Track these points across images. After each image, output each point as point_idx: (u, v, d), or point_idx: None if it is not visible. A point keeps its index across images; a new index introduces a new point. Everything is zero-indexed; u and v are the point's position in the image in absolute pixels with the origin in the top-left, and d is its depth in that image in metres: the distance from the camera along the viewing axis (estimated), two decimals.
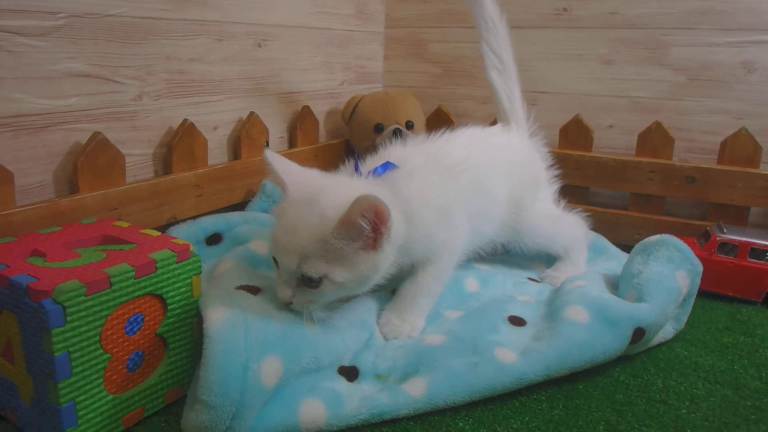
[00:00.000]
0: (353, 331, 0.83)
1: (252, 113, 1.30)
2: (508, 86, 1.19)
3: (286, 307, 0.79)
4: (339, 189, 0.79)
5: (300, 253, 0.75)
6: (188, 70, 1.15)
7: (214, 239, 1.10)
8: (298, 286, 0.78)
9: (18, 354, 0.66)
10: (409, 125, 1.50)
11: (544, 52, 1.54)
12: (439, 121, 1.60)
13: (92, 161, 0.95)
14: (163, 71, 1.10)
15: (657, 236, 1.01)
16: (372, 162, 0.95)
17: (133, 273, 0.67)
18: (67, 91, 0.94)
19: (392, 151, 0.97)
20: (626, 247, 1.25)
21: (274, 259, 0.80)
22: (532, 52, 1.49)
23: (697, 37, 1.39)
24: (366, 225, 0.74)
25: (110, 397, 0.68)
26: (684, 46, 1.40)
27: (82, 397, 0.65)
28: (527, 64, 1.19)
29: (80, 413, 0.65)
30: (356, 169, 0.89)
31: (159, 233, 0.79)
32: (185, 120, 1.12)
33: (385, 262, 0.80)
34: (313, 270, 0.75)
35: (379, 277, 0.82)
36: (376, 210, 0.73)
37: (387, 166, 0.90)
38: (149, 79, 1.07)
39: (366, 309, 0.89)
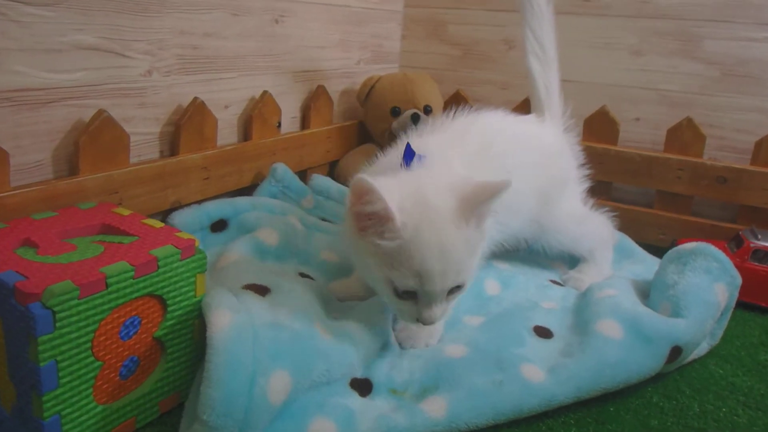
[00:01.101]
0: (367, 339, 0.76)
1: (265, 92, 1.21)
2: (546, 75, 1.11)
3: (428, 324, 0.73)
4: (437, 187, 0.73)
5: (458, 269, 0.71)
6: (202, 45, 1.06)
7: (219, 225, 1.03)
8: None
9: (1, 356, 0.58)
10: (428, 110, 1.42)
11: (569, 40, 1.42)
12: (458, 105, 1.50)
13: (95, 140, 0.87)
14: (176, 46, 1.01)
15: (692, 244, 0.93)
16: (394, 152, 0.87)
17: (132, 273, 0.59)
18: (73, 64, 0.86)
19: (411, 141, 0.88)
20: (649, 247, 1.21)
21: (407, 293, 0.72)
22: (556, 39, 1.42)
23: (732, 31, 1.30)
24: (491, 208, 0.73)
25: (100, 408, 0.60)
26: (718, 39, 1.32)
27: (69, 409, 0.57)
28: None
29: (65, 427, 0.57)
30: (407, 161, 0.80)
31: (162, 224, 0.71)
32: (196, 98, 1.04)
33: (486, 232, 0.77)
34: (467, 274, 0.73)
35: None
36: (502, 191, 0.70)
37: (413, 155, 0.81)
38: (161, 54, 0.98)
39: (380, 314, 0.81)
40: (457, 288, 0.73)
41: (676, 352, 0.80)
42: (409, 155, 0.78)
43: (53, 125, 0.85)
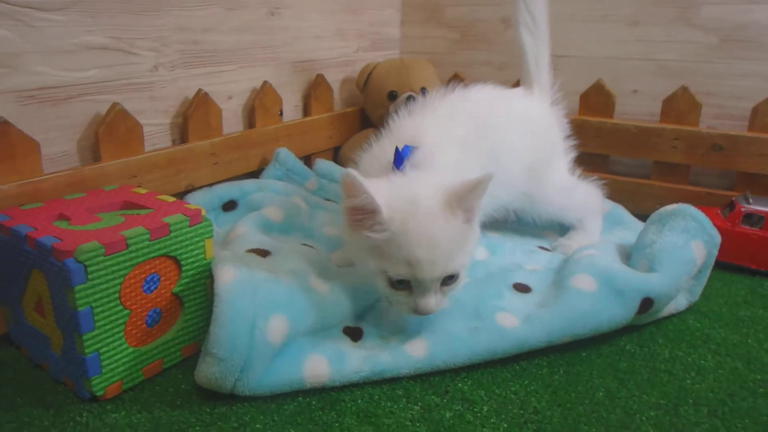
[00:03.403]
0: (359, 295, 0.91)
1: (265, 83, 1.37)
2: (537, 48, 1.19)
3: (425, 315, 0.81)
4: (423, 188, 0.81)
5: (446, 258, 0.78)
6: (202, 40, 1.22)
7: (229, 206, 1.20)
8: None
9: (48, 308, 0.76)
10: (424, 92, 1.54)
11: (565, 15, 1.54)
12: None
13: (112, 131, 1.04)
14: (178, 42, 1.17)
15: (674, 205, 1.03)
16: (387, 141, 0.97)
17: (148, 235, 0.76)
18: (86, 63, 1.02)
19: (401, 126, 0.99)
20: (647, 218, 1.29)
21: (399, 282, 0.80)
22: (552, 13, 1.50)
23: None
24: (477, 203, 0.80)
25: (131, 349, 0.77)
26: (716, 4, 1.38)
27: (105, 348, 0.74)
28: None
29: (104, 363, 0.74)
30: (397, 165, 0.88)
31: (174, 199, 0.87)
32: (200, 90, 1.20)
33: (478, 229, 0.86)
34: (457, 265, 0.80)
35: None
36: (487, 186, 0.79)
37: (406, 150, 0.89)
38: (164, 50, 1.15)
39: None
40: (450, 278, 0.81)
41: (647, 303, 0.90)
42: (399, 160, 0.88)
43: (74, 119, 1.02)
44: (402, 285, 0.80)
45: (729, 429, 0.73)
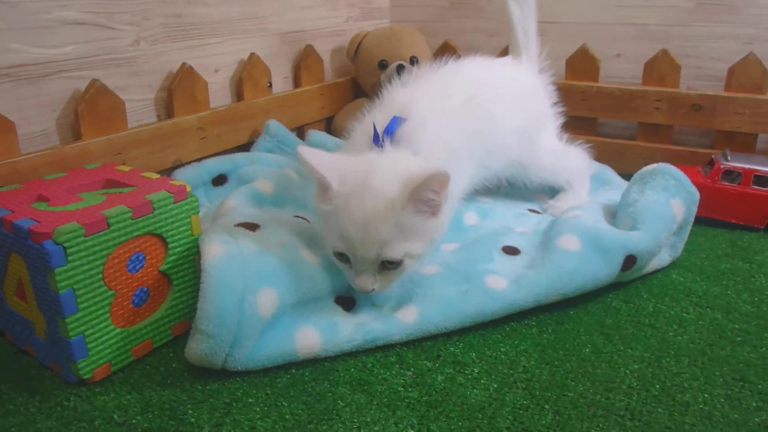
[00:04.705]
0: None
1: (252, 54, 1.28)
2: (525, 18, 1.16)
3: (361, 292, 0.78)
4: (384, 170, 0.77)
5: (379, 242, 0.74)
6: (186, 13, 1.13)
7: (220, 180, 1.13)
8: (378, 272, 0.77)
9: (29, 292, 0.69)
10: (414, 61, 1.48)
11: None
12: (446, 56, 1.56)
13: (92, 108, 0.96)
14: (160, 15, 1.08)
15: (654, 165, 1.00)
16: (379, 111, 0.92)
17: (131, 214, 0.69)
18: (63, 39, 0.94)
19: (394, 96, 0.95)
20: None
21: (340, 255, 0.77)
22: None
23: None
24: (434, 197, 0.75)
25: (118, 330, 0.71)
26: None
27: (91, 330, 0.68)
28: None
29: (90, 345, 0.68)
30: (375, 141, 0.85)
31: (158, 176, 0.80)
32: (184, 63, 1.12)
33: (446, 222, 0.81)
34: (395, 253, 0.75)
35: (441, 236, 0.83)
36: (445, 182, 0.74)
37: (395, 121, 0.86)
38: (146, 24, 1.06)
39: None
40: (390, 264, 0.76)
41: (630, 260, 0.87)
42: (377, 137, 0.84)
43: (52, 97, 0.94)
44: (342, 258, 0.78)
45: (708, 377, 0.72)
